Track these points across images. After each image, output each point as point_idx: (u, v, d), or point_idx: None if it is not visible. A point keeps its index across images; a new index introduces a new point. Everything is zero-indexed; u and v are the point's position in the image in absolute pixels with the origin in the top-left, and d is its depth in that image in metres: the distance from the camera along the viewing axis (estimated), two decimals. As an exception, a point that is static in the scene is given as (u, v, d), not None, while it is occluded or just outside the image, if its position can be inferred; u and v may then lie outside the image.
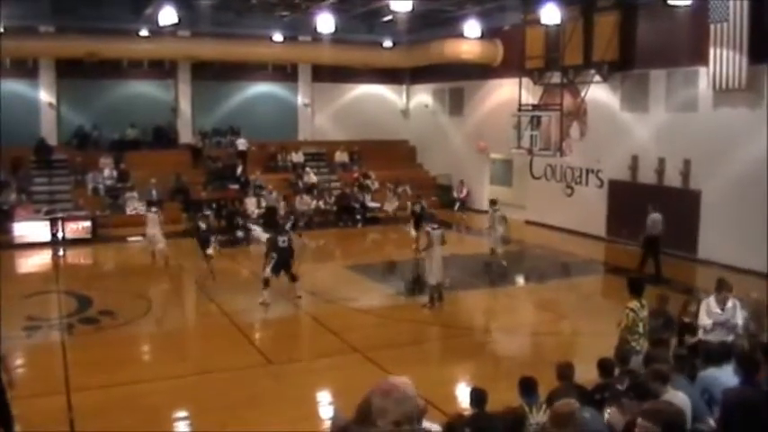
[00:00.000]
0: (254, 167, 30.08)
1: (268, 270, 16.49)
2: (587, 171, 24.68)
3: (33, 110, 29.47)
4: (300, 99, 34.07)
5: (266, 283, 16.53)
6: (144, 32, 27.71)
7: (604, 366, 8.26)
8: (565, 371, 8.01)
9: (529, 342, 14.87)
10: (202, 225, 19.93)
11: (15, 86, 29.24)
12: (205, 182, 28.86)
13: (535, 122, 24.82)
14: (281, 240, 16.73)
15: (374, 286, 18.82)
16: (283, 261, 16.65)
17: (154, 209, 22.37)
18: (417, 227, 22.04)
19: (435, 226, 16.65)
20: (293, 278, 16.90)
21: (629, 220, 22.24)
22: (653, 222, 18.95)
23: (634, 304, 10.07)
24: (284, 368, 12.65)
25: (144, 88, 31.64)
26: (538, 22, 23.17)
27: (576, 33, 23.49)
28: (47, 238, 23.82)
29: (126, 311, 15.83)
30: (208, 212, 23.45)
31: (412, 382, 3.56)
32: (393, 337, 14.44)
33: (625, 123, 23.17)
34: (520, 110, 25.32)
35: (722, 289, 10.50)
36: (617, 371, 8.37)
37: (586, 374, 8.52)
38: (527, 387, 7.56)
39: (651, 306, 10.54)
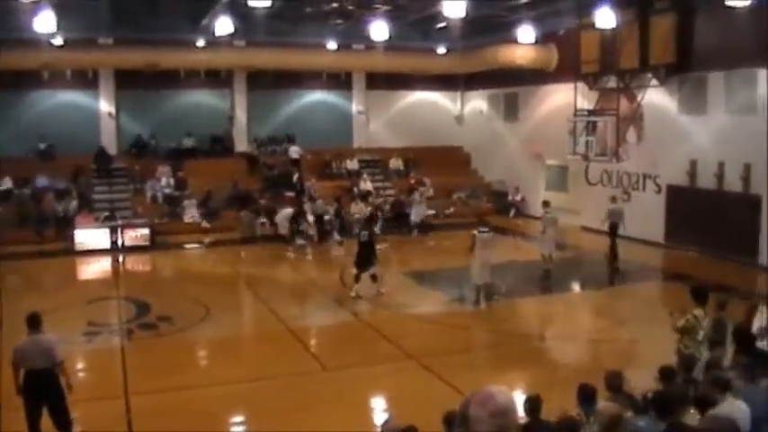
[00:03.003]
0: (309, 175, 30.28)
1: (353, 268, 17.43)
2: (644, 176, 24.28)
3: (93, 120, 30.12)
4: (355, 106, 34.22)
5: (356, 278, 17.37)
6: (200, 43, 28.13)
7: (666, 374, 8.09)
8: (613, 380, 7.83)
9: (584, 349, 14.68)
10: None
11: (76, 97, 30.05)
12: (262, 189, 29.14)
13: (591, 128, 24.62)
14: (363, 235, 17.65)
15: (429, 293, 18.78)
16: (364, 255, 17.32)
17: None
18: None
19: (485, 229, 16.76)
20: (373, 278, 17.48)
21: (689, 225, 21.91)
22: (612, 212, 21.35)
23: (698, 312, 9.88)
24: (339, 374, 12.68)
25: (200, 97, 32.11)
26: (593, 25, 22.87)
27: (631, 36, 23.19)
28: (107, 245, 24.28)
29: (183, 317, 16.06)
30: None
31: (510, 392, 3.50)
32: (448, 343, 14.41)
33: (683, 127, 22.75)
34: (575, 115, 25.16)
35: None
36: (679, 379, 8.20)
37: (643, 383, 8.35)
38: (586, 395, 7.40)
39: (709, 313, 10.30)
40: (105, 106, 30.27)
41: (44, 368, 9.25)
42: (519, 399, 9.79)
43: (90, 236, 24.41)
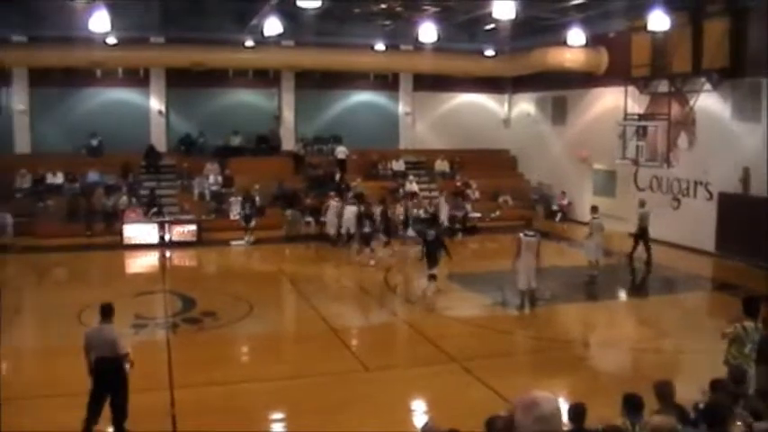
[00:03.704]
0: (355, 175, 30.34)
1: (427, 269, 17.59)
2: (695, 183, 23.85)
3: (143, 117, 30.58)
4: (401, 108, 34.21)
5: (430, 277, 17.43)
6: (249, 43, 28.32)
7: (716, 386, 7.89)
8: (663, 389, 7.65)
9: (628, 358, 14.44)
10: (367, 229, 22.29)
11: (127, 95, 30.58)
12: (306, 188, 29.29)
13: (641, 132, 24.29)
14: (429, 234, 17.96)
15: (471, 296, 18.67)
16: (429, 253, 17.50)
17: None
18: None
19: (531, 233, 16.58)
20: (430, 276, 17.47)
21: (741, 234, 21.47)
22: (642, 215, 21.63)
23: (748, 324, 9.64)
24: (380, 375, 12.68)
25: (248, 97, 32.43)
26: (644, 28, 22.53)
27: (684, 40, 22.83)
28: (154, 240, 24.65)
29: (227, 313, 16.21)
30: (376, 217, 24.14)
31: (556, 399, 3.48)
32: (490, 347, 14.31)
33: (736, 133, 22.27)
34: (625, 119, 24.82)
35: None
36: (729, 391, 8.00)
37: (688, 394, 8.19)
38: (632, 405, 7.21)
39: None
40: (155, 104, 30.71)
41: (110, 357, 9.57)
42: (563, 405, 9.70)
43: (138, 231, 24.80)
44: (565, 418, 7.27)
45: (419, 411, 11.33)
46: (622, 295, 20.04)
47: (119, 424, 9.61)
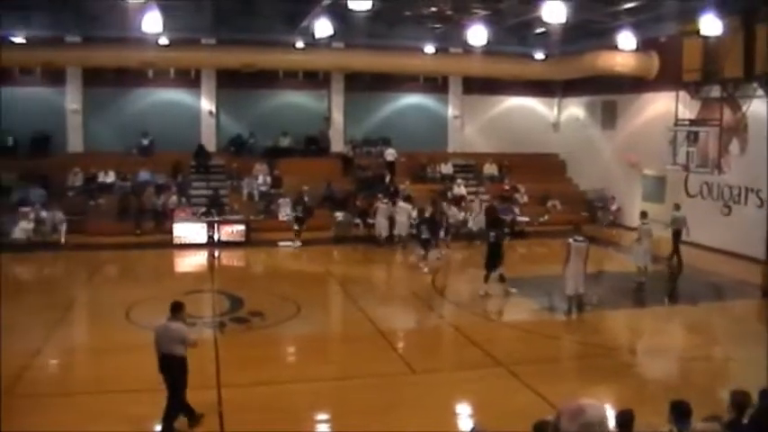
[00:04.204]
0: (403, 177, 30.38)
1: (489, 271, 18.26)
2: (746, 189, 23.47)
3: (194, 117, 31.00)
4: (451, 111, 34.17)
5: (486, 277, 18.19)
6: (299, 44, 28.52)
7: (765, 397, 7.79)
8: (739, 398, 7.49)
9: (676, 365, 14.28)
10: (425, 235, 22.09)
11: (178, 95, 31.03)
12: (355, 190, 29.40)
13: (692, 138, 23.97)
14: (491, 235, 18.72)
15: (519, 300, 18.58)
16: (492, 254, 18.11)
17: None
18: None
19: (580, 238, 16.48)
20: (501, 278, 18.15)
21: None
22: (675, 219, 21.96)
23: None
24: (427, 377, 12.68)
25: (298, 98, 32.66)
26: (696, 33, 22.20)
27: (736, 45, 22.45)
28: (203, 239, 24.98)
29: (275, 313, 16.35)
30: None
31: (602, 406, 3.50)
32: (537, 352, 14.27)
33: (789, 140, 21.88)
34: (676, 124, 24.50)
35: None
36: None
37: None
38: (680, 412, 7.16)
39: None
40: (206, 105, 31.11)
41: (169, 354, 9.80)
42: (610, 412, 9.63)
43: (188, 230, 25.15)
44: (612, 424, 7.26)
45: (465, 415, 11.35)
46: (670, 302, 19.80)
47: (168, 420, 9.79)
